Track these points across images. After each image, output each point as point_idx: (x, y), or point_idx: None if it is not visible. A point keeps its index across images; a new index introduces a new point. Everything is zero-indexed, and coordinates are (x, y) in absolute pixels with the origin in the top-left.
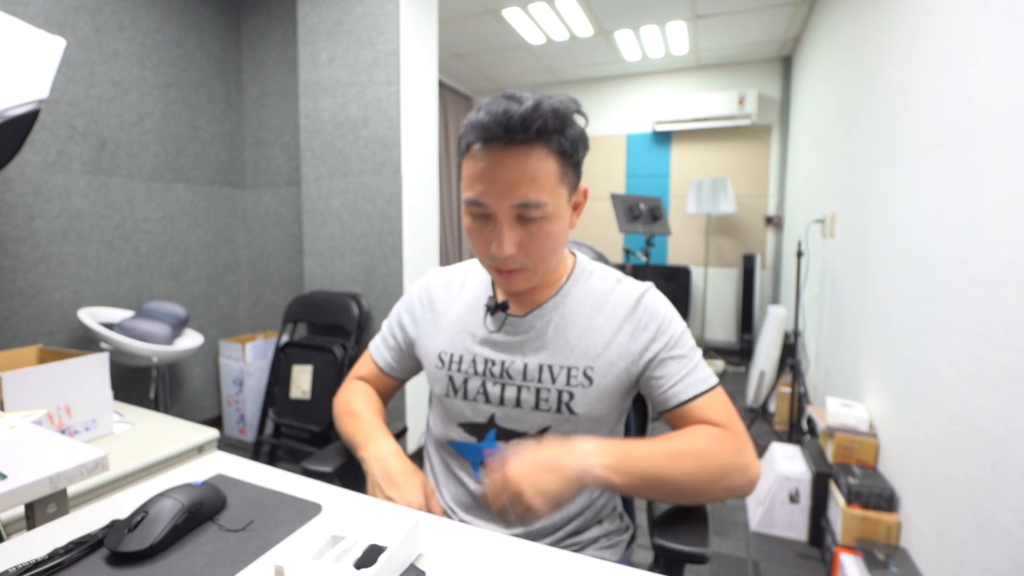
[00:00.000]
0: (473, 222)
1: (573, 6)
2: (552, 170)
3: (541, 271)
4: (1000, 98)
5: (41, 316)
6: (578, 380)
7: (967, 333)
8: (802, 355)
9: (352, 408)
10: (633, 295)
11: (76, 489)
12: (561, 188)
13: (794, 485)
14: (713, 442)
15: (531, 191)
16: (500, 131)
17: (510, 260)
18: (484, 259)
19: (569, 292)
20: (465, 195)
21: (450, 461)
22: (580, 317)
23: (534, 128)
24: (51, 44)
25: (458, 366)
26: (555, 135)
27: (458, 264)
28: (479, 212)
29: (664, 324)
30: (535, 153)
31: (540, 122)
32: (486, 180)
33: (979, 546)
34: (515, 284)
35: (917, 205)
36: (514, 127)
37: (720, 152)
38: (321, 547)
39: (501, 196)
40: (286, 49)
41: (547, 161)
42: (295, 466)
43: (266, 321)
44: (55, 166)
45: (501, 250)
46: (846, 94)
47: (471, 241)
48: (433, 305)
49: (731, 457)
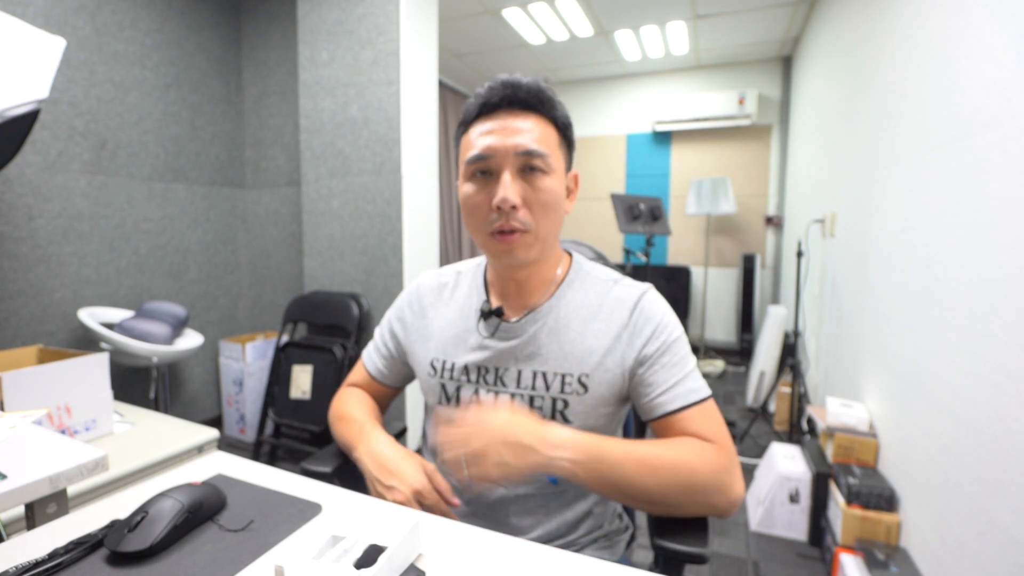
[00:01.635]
0: (474, 184)
1: (573, 6)
2: (552, 134)
3: (542, 235)
4: (1000, 98)
5: (41, 316)
6: (573, 387)
7: (967, 333)
8: (802, 355)
9: (344, 412)
10: (631, 297)
11: (76, 489)
12: (559, 153)
13: (794, 485)
14: (695, 455)
15: (533, 141)
16: (507, 93)
17: (513, 216)
18: (483, 225)
19: (564, 295)
20: (466, 156)
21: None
22: (575, 322)
23: (536, 94)
24: (51, 44)
25: (450, 373)
26: (551, 107)
27: (449, 266)
28: (482, 167)
29: (659, 328)
30: (535, 116)
31: (540, 92)
32: (491, 134)
33: (979, 546)
34: (517, 251)
35: (917, 205)
36: (520, 90)
37: (720, 152)
38: (321, 547)
39: (506, 146)
40: (286, 49)
41: (547, 126)
42: (295, 466)
43: (266, 321)
44: (55, 166)
45: (507, 198)
46: (846, 94)
47: (470, 209)
48: (424, 311)
49: (712, 474)
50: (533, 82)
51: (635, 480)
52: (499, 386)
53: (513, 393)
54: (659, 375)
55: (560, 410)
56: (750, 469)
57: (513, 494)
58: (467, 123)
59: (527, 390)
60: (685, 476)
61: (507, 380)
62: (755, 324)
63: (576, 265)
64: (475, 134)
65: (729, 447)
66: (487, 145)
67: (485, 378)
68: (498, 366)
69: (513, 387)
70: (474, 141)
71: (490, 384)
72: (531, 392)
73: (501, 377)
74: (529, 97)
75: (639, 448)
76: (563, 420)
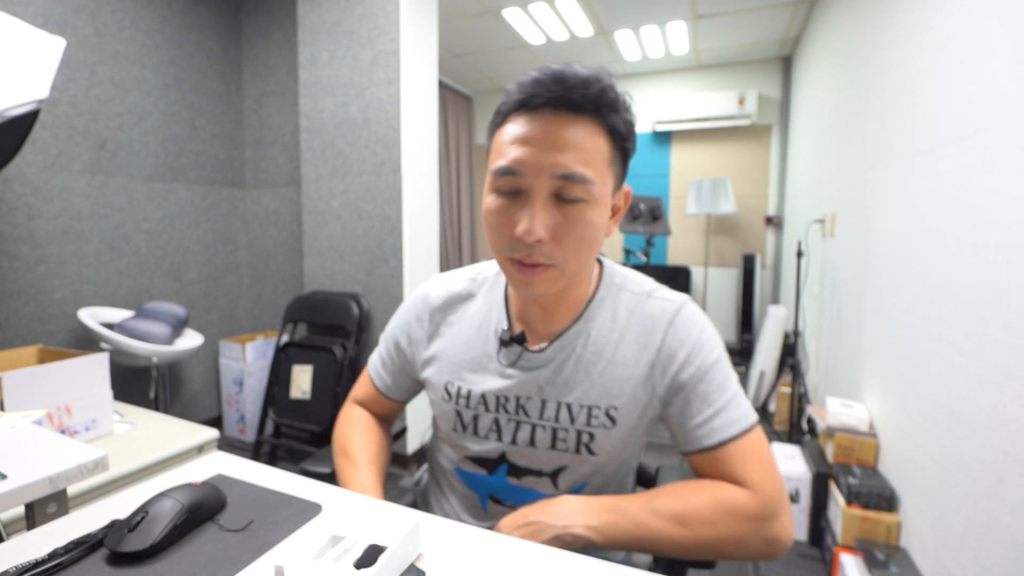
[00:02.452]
0: (498, 200)
1: (573, 6)
2: (603, 148)
3: (571, 271)
4: (1001, 98)
5: (41, 316)
6: (600, 420)
7: (967, 333)
8: (802, 355)
9: (347, 447)
10: (665, 315)
11: (76, 489)
12: (608, 173)
13: (794, 485)
14: (724, 509)
15: (577, 163)
16: (557, 89)
17: (537, 249)
18: (504, 249)
19: (594, 316)
20: (494, 164)
21: (458, 487)
22: (606, 348)
23: (592, 92)
24: (51, 44)
25: (466, 401)
26: (610, 111)
27: (460, 272)
28: (509, 185)
29: (694, 352)
30: (587, 124)
31: (599, 89)
32: (526, 143)
33: (979, 546)
34: (537, 285)
35: (917, 205)
36: (570, 85)
37: (720, 152)
38: (321, 547)
39: (541, 164)
40: (286, 49)
41: (599, 137)
42: (295, 466)
43: (266, 321)
44: (55, 166)
45: (532, 231)
46: (846, 94)
47: (491, 226)
48: (436, 328)
49: (748, 527)
50: (593, 77)
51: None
52: (520, 416)
53: (535, 424)
54: (694, 406)
55: (586, 443)
56: None
57: None
58: (502, 117)
59: (550, 422)
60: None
61: (530, 411)
62: (755, 324)
63: (607, 278)
64: (507, 137)
65: (771, 490)
66: (518, 158)
67: (505, 407)
68: (519, 395)
69: (536, 418)
70: (504, 147)
71: (511, 414)
72: (554, 424)
73: (523, 407)
74: (584, 99)
75: (659, 503)
76: (588, 452)
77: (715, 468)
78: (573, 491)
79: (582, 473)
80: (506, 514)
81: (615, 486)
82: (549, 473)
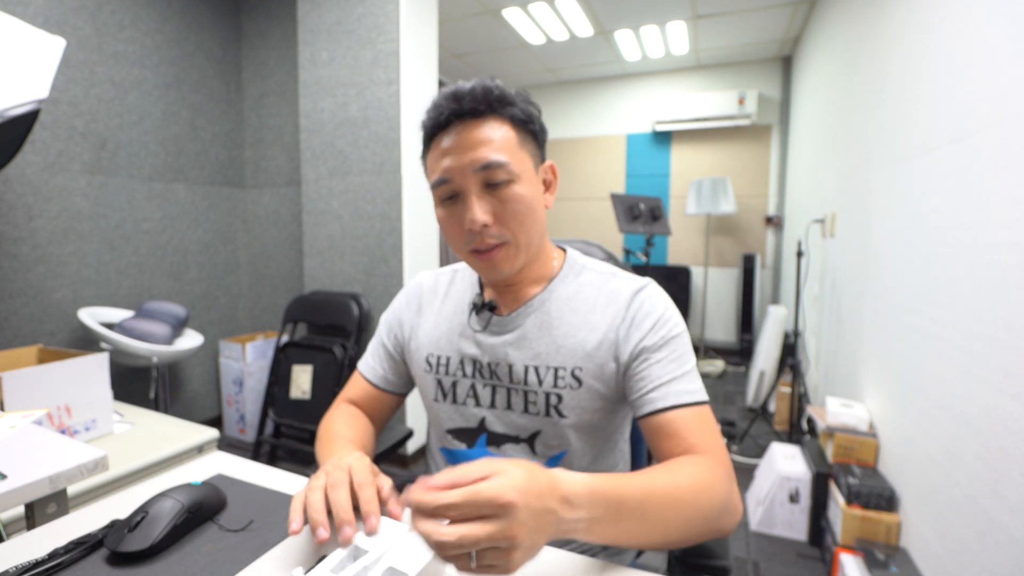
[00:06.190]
0: (445, 209)
1: (573, 6)
2: (510, 135)
3: (523, 244)
4: (1000, 98)
5: (41, 316)
6: (566, 381)
7: (967, 333)
8: (802, 355)
9: (330, 434)
10: (629, 290)
11: (76, 489)
12: (522, 153)
13: (794, 485)
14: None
15: (490, 151)
16: (454, 104)
17: (487, 233)
18: (462, 246)
19: (556, 288)
20: (431, 181)
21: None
22: (568, 314)
23: (481, 96)
24: (51, 44)
25: (446, 368)
26: (502, 105)
27: (447, 267)
28: (447, 192)
29: (660, 321)
30: (488, 122)
31: (487, 94)
32: (447, 154)
33: (979, 546)
34: (500, 265)
35: (917, 205)
36: (462, 97)
37: (720, 152)
38: (342, 559)
39: (463, 165)
40: (286, 49)
41: (502, 128)
42: (295, 466)
43: (266, 321)
44: (55, 166)
45: (475, 219)
46: (846, 94)
47: (448, 235)
48: (421, 308)
49: (724, 495)
50: (478, 85)
51: (658, 520)
52: (494, 380)
53: (508, 388)
54: (655, 369)
55: (554, 405)
56: (750, 469)
57: None
58: (426, 143)
59: (520, 385)
60: (705, 504)
61: (501, 375)
62: (755, 324)
63: (570, 259)
64: (433, 157)
65: (727, 460)
66: (445, 167)
67: (480, 372)
68: (491, 360)
69: (507, 382)
70: (433, 165)
71: (486, 379)
72: (524, 387)
73: (495, 371)
74: (476, 103)
75: (656, 482)
76: (558, 415)
77: (671, 431)
78: (552, 459)
79: (557, 437)
80: None
81: (593, 454)
82: (526, 439)
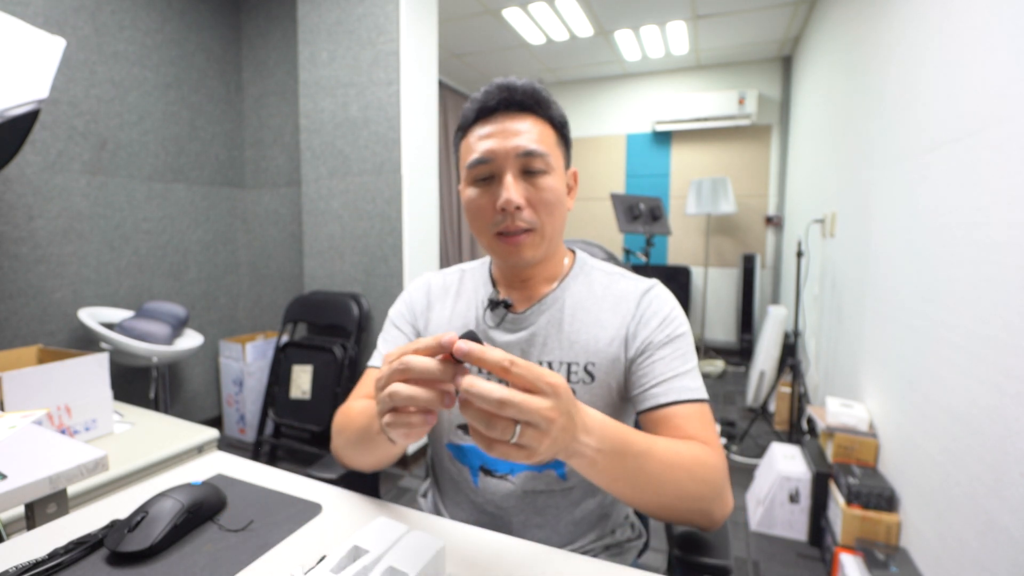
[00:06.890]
0: (476, 189)
1: (573, 6)
2: (549, 132)
3: (548, 234)
4: (1000, 98)
5: (41, 316)
6: (579, 376)
7: (967, 333)
8: (802, 355)
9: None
10: (638, 289)
11: (76, 489)
12: (558, 151)
13: (794, 485)
14: (705, 457)
15: (533, 142)
16: (504, 96)
17: (518, 216)
18: (489, 226)
19: (569, 286)
20: (467, 160)
21: (450, 468)
22: (580, 311)
23: (531, 93)
24: (51, 44)
25: None
26: (547, 107)
27: (452, 267)
28: (484, 172)
29: (667, 320)
30: (532, 117)
31: (536, 93)
32: (491, 137)
33: (979, 546)
34: (524, 251)
35: (917, 205)
36: (514, 89)
37: (720, 152)
38: (342, 558)
39: (507, 148)
40: (286, 49)
41: (544, 125)
42: (295, 466)
43: (266, 321)
44: (55, 166)
45: (511, 199)
46: (846, 94)
47: (474, 216)
48: (431, 304)
49: (718, 480)
50: (528, 83)
51: (654, 477)
52: None
53: None
54: (658, 366)
55: None
56: (750, 469)
57: (520, 490)
58: (465, 128)
59: None
60: (700, 477)
61: None
62: (755, 324)
63: (580, 260)
64: (474, 138)
65: (724, 456)
66: (487, 149)
67: None
68: None
69: None
70: (474, 145)
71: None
72: None
73: None
74: (525, 98)
75: (659, 442)
76: None
77: (672, 427)
78: None
79: None
80: (497, 487)
81: None
82: None
